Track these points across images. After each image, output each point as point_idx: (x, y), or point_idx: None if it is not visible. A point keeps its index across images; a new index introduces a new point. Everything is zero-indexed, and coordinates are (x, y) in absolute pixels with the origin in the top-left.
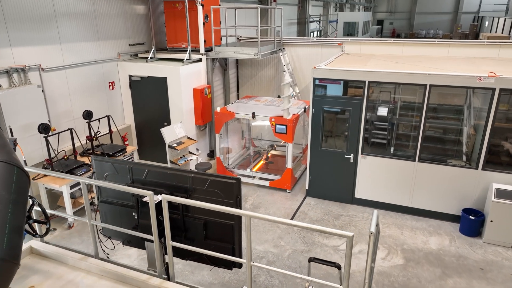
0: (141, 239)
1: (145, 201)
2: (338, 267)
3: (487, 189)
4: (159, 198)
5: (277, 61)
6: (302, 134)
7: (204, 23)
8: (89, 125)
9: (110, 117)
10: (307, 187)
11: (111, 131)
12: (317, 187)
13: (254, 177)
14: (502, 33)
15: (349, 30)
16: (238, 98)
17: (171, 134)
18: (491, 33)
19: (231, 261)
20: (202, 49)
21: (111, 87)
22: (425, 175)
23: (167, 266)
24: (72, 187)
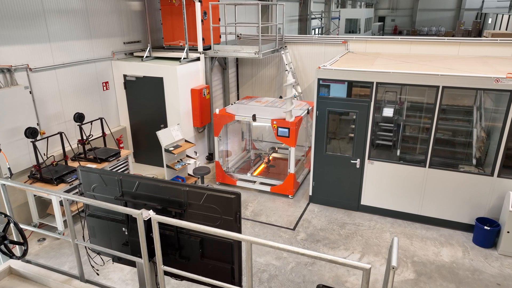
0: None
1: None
2: None
3: (503, 198)
4: (150, 214)
5: (279, 60)
6: (304, 135)
7: (202, 20)
8: (81, 128)
9: (103, 119)
10: (310, 193)
11: (104, 134)
12: (321, 193)
13: (254, 182)
14: (506, 30)
15: (351, 27)
16: (238, 98)
17: (167, 137)
18: (494, 30)
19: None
20: (200, 48)
21: (105, 88)
22: (436, 181)
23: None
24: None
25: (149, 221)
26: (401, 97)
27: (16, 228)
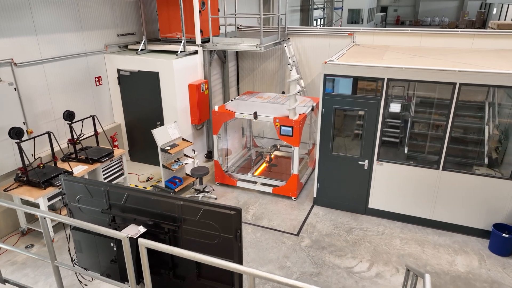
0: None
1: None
2: None
3: None
4: (140, 231)
5: (281, 53)
6: (308, 133)
7: (200, 11)
8: (71, 127)
9: (95, 117)
10: (314, 195)
11: (96, 133)
12: (326, 195)
13: (256, 183)
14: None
15: (354, 17)
16: (238, 93)
17: (164, 135)
18: (499, 20)
19: None
20: (198, 40)
21: (97, 83)
22: (450, 184)
23: None
24: (51, 198)
25: (141, 235)
26: (409, 92)
27: None
